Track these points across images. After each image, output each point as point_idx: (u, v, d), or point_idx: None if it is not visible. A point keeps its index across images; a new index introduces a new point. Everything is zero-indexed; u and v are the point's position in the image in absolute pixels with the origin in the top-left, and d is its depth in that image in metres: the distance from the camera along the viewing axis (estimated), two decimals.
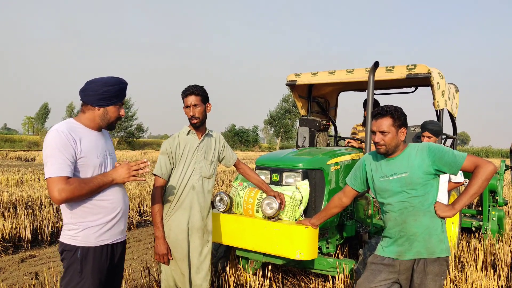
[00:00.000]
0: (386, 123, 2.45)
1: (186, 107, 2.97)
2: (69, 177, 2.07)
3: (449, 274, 3.91)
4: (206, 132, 3.09)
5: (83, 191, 2.10)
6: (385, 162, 2.56)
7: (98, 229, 2.21)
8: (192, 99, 2.95)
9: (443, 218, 2.46)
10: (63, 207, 2.20)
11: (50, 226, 6.35)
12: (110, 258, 2.30)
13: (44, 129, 75.06)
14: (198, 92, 2.97)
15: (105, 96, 2.24)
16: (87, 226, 2.19)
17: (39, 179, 12.30)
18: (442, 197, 4.07)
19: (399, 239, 2.50)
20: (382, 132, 2.46)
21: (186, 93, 2.97)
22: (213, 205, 3.59)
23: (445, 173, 2.46)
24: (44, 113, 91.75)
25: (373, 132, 2.51)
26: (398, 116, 2.47)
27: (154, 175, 2.93)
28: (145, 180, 2.37)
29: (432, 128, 4.09)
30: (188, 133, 3.03)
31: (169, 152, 2.95)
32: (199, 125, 3.01)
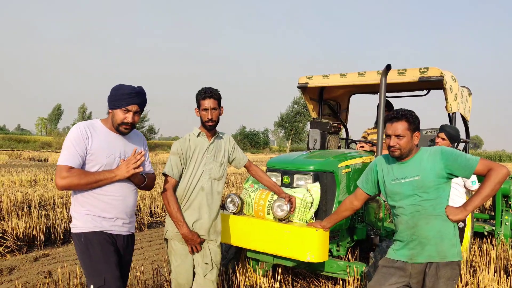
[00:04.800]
0: (401, 127, 2.46)
1: (204, 109, 2.96)
2: (72, 167, 2.29)
3: (461, 279, 3.87)
4: (216, 134, 3.12)
5: (82, 181, 2.30)
6: (397, 165, 2.56)
7: (96, 218, 2.41)
8: (211, 103, 2.95)
9: (456, 221, 2.44)
10: (72, 199, 2.44)
11: (63, 226, 6.43)
12: (113, 244, 2.47)
13: (56, 130, 76.02)
14: (216, 96, 2.98)
15: (114, 99, 2.47)
16: (85, 214, 2.40)
17: (52, 179, 12.46)
18: (461, 200, 4.05)
19: (411, 242, 2.50)
20: (398, 136, 2.46)
21: (205, 95, 2.95)
22: (224, 207, 3.62)
23: (457, 176, 2.46)
24: (57, 114, 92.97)
25: (388, 136, 2.51)
26: (413, 120, 2.48)
27: (165, 175, 2.95)
28: (142, 169, 2.53)
29: (449, 131, 4.06)
30: (198, 135, 3.05)
31: (180, 153, 2.97)
32: (213, 128, 3.03)
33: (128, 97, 2.46)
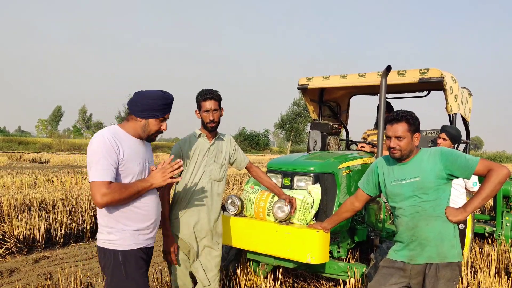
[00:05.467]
0: (401, 128, 2.46)
1: (205, 111, 2.96)
2: (111, 182, 2.15)
3: (462, 280, 3.87)
4: (217, 135, 3.12)
5: (123, 196, 2.16)
6: (398, 166, 2.57)
7: (133, 233, 2.28)
8: (212, 104, 2.95)
9: (455, 222, 2.44)
10: (99, 211, 2.27)
11: (63, 228, 6.43)
12: (147, 260, 2.37)
13: (57, 132, 76.02)
14: (217, 97, 2.98)
15: (147, 108, 2.30)
16: (122, 229, 2.26)
17: (52, 181, 12.46)
18: (461, 201, 4.05)
19: (411, 243, 2.50)
20: (398, 137, 2.46)
21: (206, 97, 2.95)
22: (224, 208, 3.62)
23: (457, 177, 2.45)
24: (57, 115, 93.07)
25: (388, 137, 2.51)
26: (413, 121, 2.48)
27: None
28: (181, 179, 2.41)
29: (450, 131, 4.07)
30: (199, 136, 3.05)
31: (180, 154, 2.98)
32: (214, 129, 3.03)
33: (167, 107, 2.36)
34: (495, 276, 3.91)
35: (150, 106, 2.29)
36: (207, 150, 3.04)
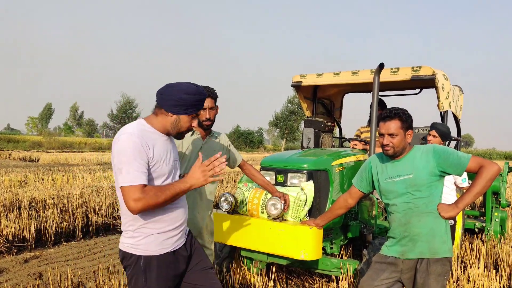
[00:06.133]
0: (394, 125, 2.48)
1: (202, 109, 2.93)
2: (145, 185, 1.97)
3: (452, 275, 3.92)
4: (211, 133, 3.10)
5: (159, 200, 1.98)
6: (391, 163, 2.58)
7: (159, 237, 2.13)
8: (208, 102, 2.91)
9: (447, 219, 2.47)
10: (123, 213, 2.13)
11: (54, 227, 6.36)
12: (175, 264, 2.22)
13: (47, 130, 75.25)
14: (214, 95, 2.94)
15: (181, 103, 2.10)
16: (148, 234, 2.10)
17: (42, 180, 12.34)
18: (450, 198, 4.10)
19: (403, 239, 2.52)
20: (391, 135, 2.48)
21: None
22: (217, 206, 3.61)
23: (449, 174, 2.48)
24: (47, 113, 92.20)
25: (381, 135, 2.53)
26: (405, 118, 2.50)
27: None
28: (222, 180, 2.16)
29: (440, 128, 4.11)
30: (192, 134, 3.04)
31: None
32: (209, 128, 3.00)
33: (201, 103, 2.16)
34: (484, 271, 3.97)
35: (185, 101, 2.09)
36: (200, 148, 3.02)
